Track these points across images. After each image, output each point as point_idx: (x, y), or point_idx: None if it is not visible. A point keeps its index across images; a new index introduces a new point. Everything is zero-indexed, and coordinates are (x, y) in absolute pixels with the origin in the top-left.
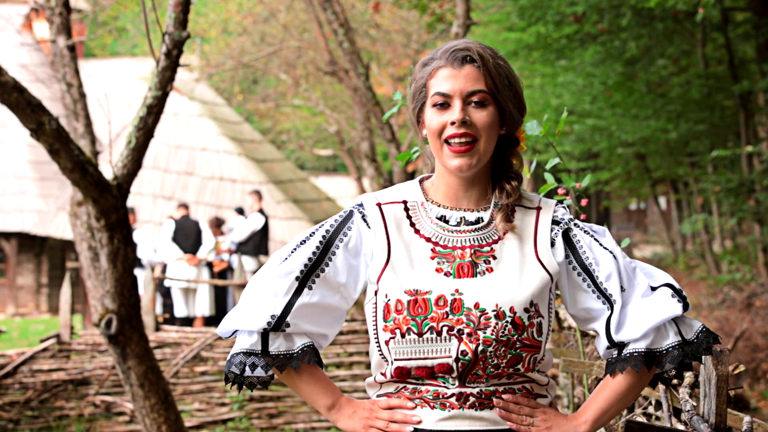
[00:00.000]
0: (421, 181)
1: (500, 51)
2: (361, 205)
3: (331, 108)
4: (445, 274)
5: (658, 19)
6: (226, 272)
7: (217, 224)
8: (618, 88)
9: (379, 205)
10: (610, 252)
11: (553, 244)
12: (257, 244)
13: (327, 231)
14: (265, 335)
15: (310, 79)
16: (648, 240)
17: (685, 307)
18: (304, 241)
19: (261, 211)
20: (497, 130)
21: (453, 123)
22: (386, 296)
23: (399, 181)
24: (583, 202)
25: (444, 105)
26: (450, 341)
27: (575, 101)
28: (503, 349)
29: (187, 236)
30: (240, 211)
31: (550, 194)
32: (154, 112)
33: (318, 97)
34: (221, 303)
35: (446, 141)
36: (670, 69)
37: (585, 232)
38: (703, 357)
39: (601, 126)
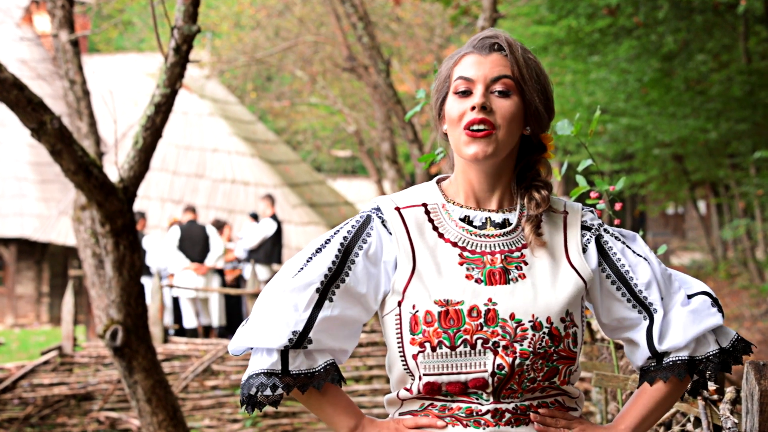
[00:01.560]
0: (438, 183)
1: (529, 46)
2: (378, 209)
3: (350, 106)
4: (476, 282)
5: (697, 12)
6: (239, 280)
7: (218, 226)
8: (654, 86)
9: (398, 209)
10: (645, 259)
11: (585, 251)
12: (269, 251)
13: (345, 238)
14: (284, 353)
15: (327, 76)
16: (686, 247)
17: (722, 316)
18: (320, 249)
19: (274, 216)
20: (519, 125)
21: (473, 108)
22: (413, 307)
23: (421, 182)
24: (617, 206)
25: (466, 92)
26: (485, 354)
27: (609, 99)
28: (540, 361)
29: (194, 243)
30: (254, 216)
31: (582, 197)
32: (162, 110)
33: (336, 95)
34: (234, 313)
35: (465, 128)
36: (710, 65)
37: (616, 238)
38: (745, 371)
39: (637, 125)
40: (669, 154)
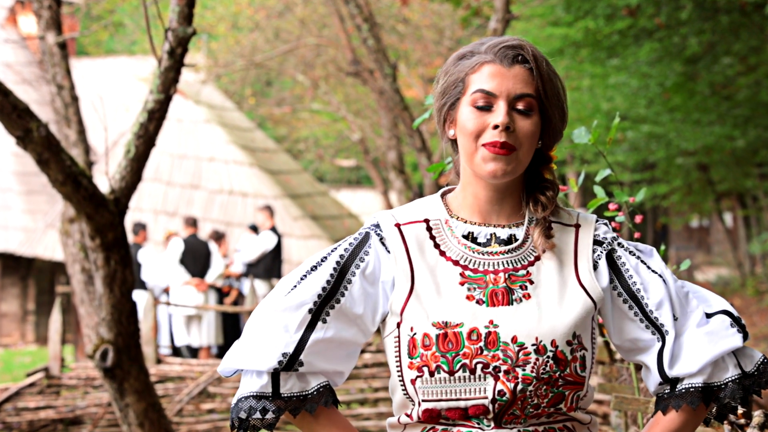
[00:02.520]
0: (443, 196)
1: (542, 50)
2: (377, 225)
3: (354, 113)
4: (477, 302)
5: (722, 12)
6: (238, 299)
7: (217, 237)
8: (677, 90)
9: (398, 225)
10: (659, 276)
11: (596, 267)
12: (268, 266)
13: (341, 256)
14: (275, 376)
15: (330, 81)
16: (711, 261)
17: (745, 337)
18: (315, 267)
19: (273, 229)
20: (537, 141)
21: (495, 127)
22: (411, 329)
23: (431, 194)
24: (638, 218)
25: (486, 106)
26: (485, 380)
27: (629, 105)
28: (544, 387)
29: (196, 258)
30: (254, 228)
31: (600, 209)
32: (155, 117)
33: (339, 100)
34: (231, 332)
35: (482, 145)
36: (736, 68)
37: (630, 253)
38: None
39: (658, 133)
40: (693, 164)
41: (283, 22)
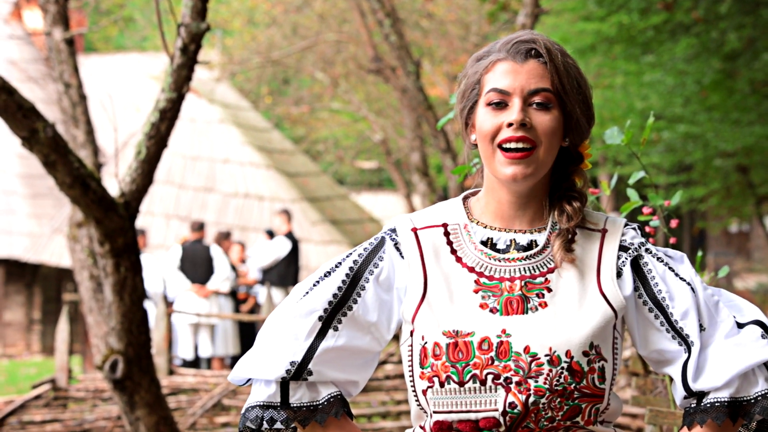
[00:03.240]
0: (465, 199)
1: (573, 46)
2: (393, 230)
3: (376, 113)
4: (491, 311)
5: (763, 6)
6: (254, 307)
7: (222, 238)
8: (715, 88)
9: (414, 230)
10: (688, 283)
11: (619, 275)
12: (282, 272)
13: (355, 262)
14: (284, 385)
15: (350, 79)
16: (752, 268)
17: None
18: (329, 273)
19: (290, 234)
20: (559, 139)
21: (510, 125)
22: (422, 338)
23: (455, 197)
24: (673, 223)
25: (500, 104)
26: (496, 391)
27: (664, 104)
28: (558, 399)
29: (196, 264)
30: (270, 233)
31: (633, 214)
32: (167, 117)
33: (360, 99)
34: (248, 342)
35: (500, 146)
36: None
37: (658, 259)
38: None
39: (695, 133)
40: (732, 165)
41: (302, 17)
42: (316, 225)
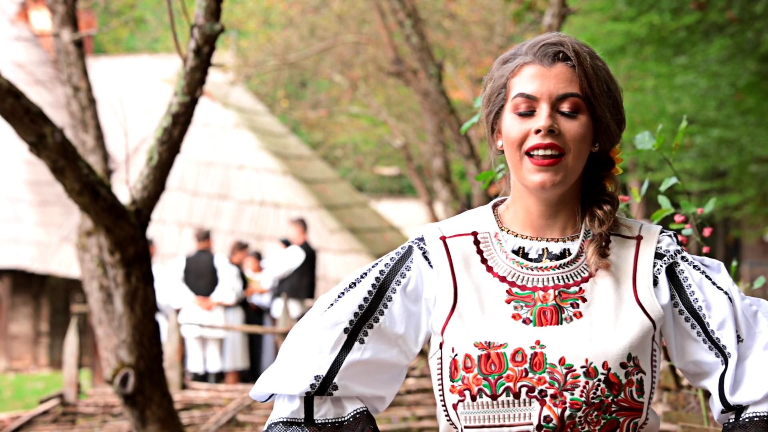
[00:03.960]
0: (494, 207)
1: (602, 48)
2: (421, 239)
3: (396, 117)
4: (524, 322)
5: None
6: (263, 316)
7: (238, 249)
8: (751, 91)
9: (443, 239)
10: (725, 293)
11: (656, 283)
12: (295, 284)
13: (381, 272)
14: (308, 400)
15: (370, 82)
16: None
17: None
18: (354, 284)
19: (305, 244)
20: (589, 144)
21: (537, 131)
22: (453, 350)
23: (480, 205)
24: (707, 231)
25: (527, 110)
26: (530, 405)
27: (697, 107)
28: (595, 413)
29: (199, 275)
30: (286, 242)
31: (665, 222)
32: (180, 122)
33: (380, 103)
34: (257, 355)
35: (527, 153)
36: None
37: (695, 267)
38: None
39: (730, 138)
40: None
41: (319, 17)
42: (335, 234)
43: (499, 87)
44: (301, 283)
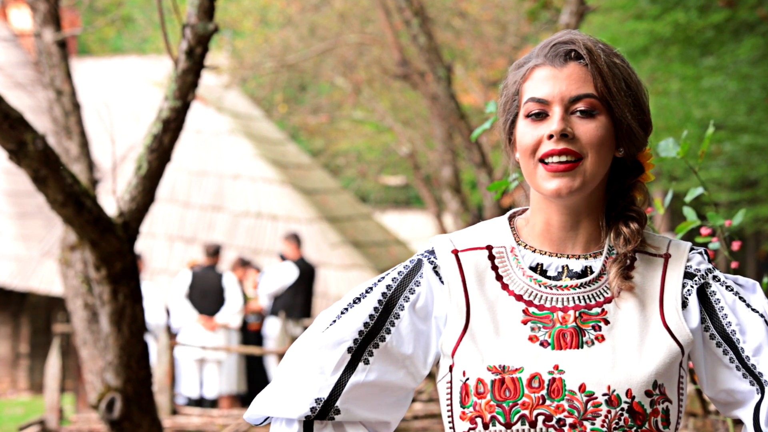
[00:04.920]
0: (511, 219)
1: (624, 49)
2: (432, 252)
3: (403, 123)
4: (542, 344)
5: None
6: (260, 337)
7: (241, 266)
8: None
9: (455, 252)
10: (761, 315)
11: (685, 306)
12: (288, 302)
13: (388, 287)
14: (308, 424)
15: (374, 85)
16: None
17: None
18: (359, 299)
19: (301, 260)
20: (610, 149)
21: (550, 137)
22: (464, 374)
23: (492, 217)
24: (735, 245)
25: (540, 115)
26: None
27: (726, 112)
28: None
29: (205, 293)
30: (284, 257)
31: (690, 235)
32: (171, 128)
33: (385, 108)
34: (257, 377)
35: (541, 161)
36: None
37: (728, 288)
38: None
39: (761, 145)
40: None
41: (320, 16)
42: (336, 248)
43: (513, 94)
44: (295, 302)
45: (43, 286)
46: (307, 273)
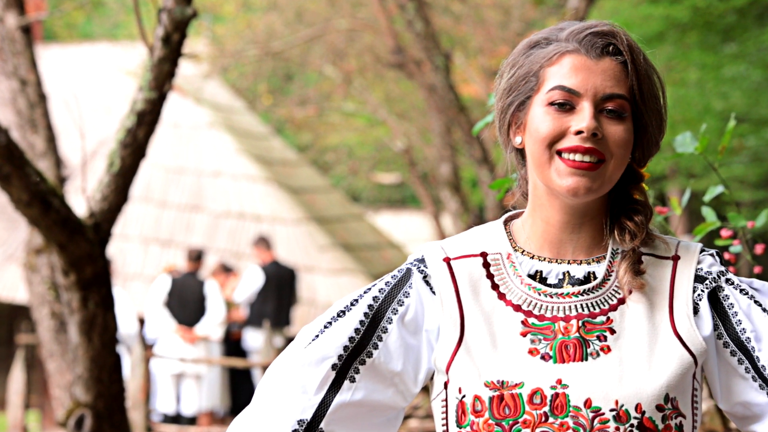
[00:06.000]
0: (506, 223)
1: (638, 34)
2: (421, 260)
3: (397, 115)
4: (543, 358)
5: None
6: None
7: (225, 270)
8: None
9: (447, 260)
10: None
11: (696, 312)
12: (257, 311)
13: (375, 298)
14: None
15: (366, 75)
16: None
17: None
18: (343, 312)
19: (272, 264)
20: (630, 153)
21: (579, 132)
22: (460, 391)
23: (494, 218)
24: (759, 248)
25: (565, 105)
26: None
27: (749, 103)
28: None
29: (185, 302)
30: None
31: (709, 237)
32: (146, 121)
33: (378, 100)
34: (242, 392)
35: (558, 153)
36: None
37: (742, 291)
38: None
39: None
40: None
41: (307, 0)
42: (325, 251)
43: (528, 74)
44: (264, 310)
45: (5, 294)
46: (276, 278)
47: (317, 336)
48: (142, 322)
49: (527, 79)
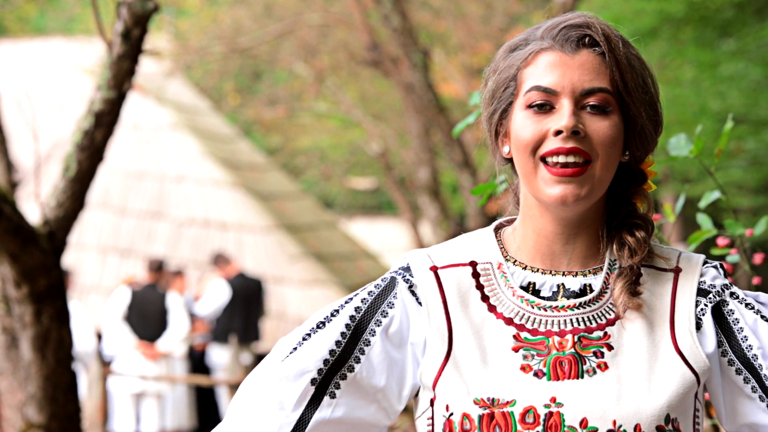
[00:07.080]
0: (497, 231)
1: (629, 30)
2: (407, 269)
3: (373, 116)
4: (536, 374)
5: None
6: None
7: (175, 275)
8: None
9: (434, 269)
10: None
11: (699, 327)
12: (224, 326)
13: (357, 309)
14: None
15: (340, 73)
16: None
17: None
18: (323, 323)
19: (238, 277)
20: (619, 152)
21: (558, 133)
22: (447, 408)
23: (476, 226)
24: (758, 258)
25: (544, 107)
26: None
27: (748, 103)
28: None
29: (145, 316)
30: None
31: (705, 246)
32: (104, 123)
33: (352, 100)
34: (209, 411)
35: (543, 159)
36: None
37: (747, 306)
38: None
39: None
40: None
41: None
42: (296, 261)
43: (507, 79)
44: (230, 325)
45: None
46: (243, 291)
47: (295, 349)
48: (99, 337)
49: (507, 84)
